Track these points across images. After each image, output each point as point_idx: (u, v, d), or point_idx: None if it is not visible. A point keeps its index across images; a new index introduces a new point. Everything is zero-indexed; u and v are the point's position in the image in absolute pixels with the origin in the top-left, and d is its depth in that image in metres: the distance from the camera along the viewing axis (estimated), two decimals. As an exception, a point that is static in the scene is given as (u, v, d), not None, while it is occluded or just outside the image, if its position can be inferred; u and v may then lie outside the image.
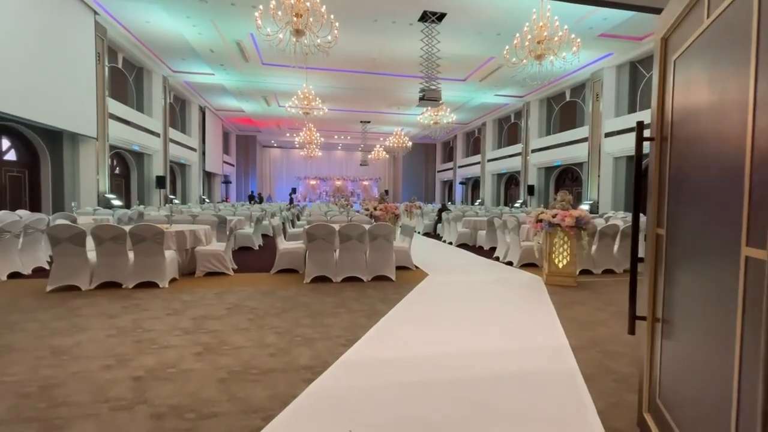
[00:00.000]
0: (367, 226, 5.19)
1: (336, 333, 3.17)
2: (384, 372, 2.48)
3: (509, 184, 25.23)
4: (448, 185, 34.35)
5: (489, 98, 20.67)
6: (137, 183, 16.19)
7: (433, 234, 11.92)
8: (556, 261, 5.09)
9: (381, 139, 29.80)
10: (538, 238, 5.33)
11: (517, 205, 21.57)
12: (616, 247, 6.04)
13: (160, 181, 16.38)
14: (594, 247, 5.93)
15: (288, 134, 29.66)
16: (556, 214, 4.96)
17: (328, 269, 5.01)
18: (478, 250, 8.44)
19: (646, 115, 13.92)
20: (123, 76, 14.84)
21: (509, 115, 24.10)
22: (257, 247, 8.15)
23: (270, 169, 37.16)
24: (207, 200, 22.82)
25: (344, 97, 20.83)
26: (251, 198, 23.06)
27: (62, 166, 11.07)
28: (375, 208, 7.32)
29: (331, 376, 2.41)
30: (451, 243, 9.43)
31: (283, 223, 6.81)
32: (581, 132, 17.35)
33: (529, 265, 6.35)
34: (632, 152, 13.94)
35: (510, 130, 24.45)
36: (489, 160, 25.59)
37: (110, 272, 4.53)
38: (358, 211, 11.86)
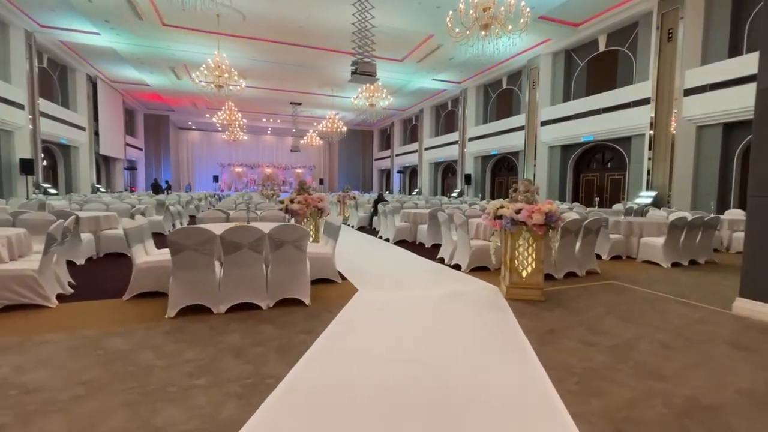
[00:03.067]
0: (269, 228, 3.60)
1: (162, 455, 1.62)
2: None
3: (446, 173, 24.80)
4: (386, 174, 33.34)
5: (427, 82, 19.72)
6: (-10, 168, 12.58)
7: (368, 228, 10.57)
8: (520, 269, 3.98)
9: (315, 123, 27.66)
10: (496, 239, 4.17)
11: (454, 194, 21.10)
12: (577, 246, 5.15)
13: (26, 166, 12.92)
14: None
15: (207, 115, 26.20)
16: (520, 209, 3.82)
17: (205, 295, 3.36)
18: (419, 248, 7.25)
19: (577, 105, 13.83)
20: (-43, 25, 11.18)
21: (446, 102, 23.50)
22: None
23: (188, 154, 33.06)
24: (102, 189, 19.13)
25: (269, 73, 18.48)
26: (155, 187, 19.81)
27: None
28: (292, 201, 5.72)
29: None
30: (388, 240, 8.14)
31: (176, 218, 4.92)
32: (518, 120, 17.12)
33: (480, 269, 5.25)
34: (567, 142, 13.74)
35: (447, 117, 23.90)
36: (426, 149, 24.90)
37: None
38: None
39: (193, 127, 32.26)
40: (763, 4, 3.71)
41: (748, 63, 9.32)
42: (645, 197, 11.24)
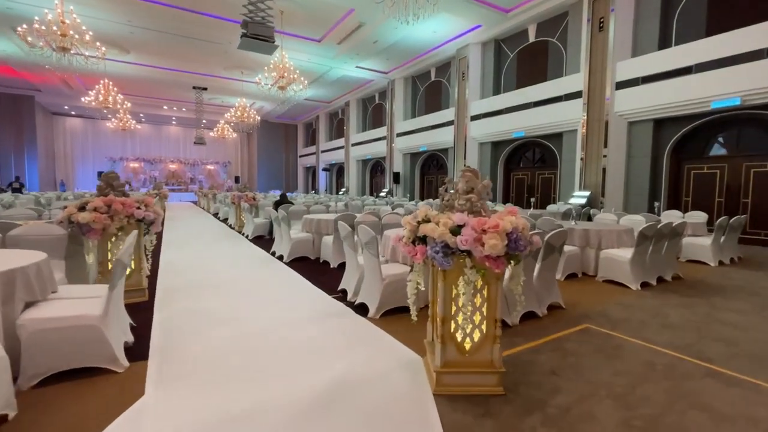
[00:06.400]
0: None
1: None
2: None
3: (375, 171, 23.11)
4: (312, 172, 30.76)
5: (351, 70, 17.73)
6: None
7: (268, 237, 8.28)
8: (459, 336, 2.14)
9: (227, 115, 24.17)
10: (417, 277, 2.28)
11: (382, 194, 19.46)
12: (536, 270, 3.51)
13: None
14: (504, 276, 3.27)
15: (86, 99, 21.16)
16: (461, 226, 1.96)
17: None
18: (321, 270, 5.23)
19: (507, 99, 12.89)
20: None
21: (374, 95, 21.79)
22: None
23: (67, 146, 27.25)
24: None
25: (158, 46, 15.03)
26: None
27: None
28: (83, 207, 3.34)
29: None
30: (282, 257, 5.97)
31: None
32: (447, 115, 15.93)
33: (398, 313, 3.38)
34: (498, 138, 12.55)
35: (375, 111, 22.19)
36: (353, 145, 22.96)
37: None
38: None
39: (73, 112, 26.62)
40: None
41: (677, 56, 8.82)
42: (579, 197, 10.47)
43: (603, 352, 2.72)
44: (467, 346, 2.15)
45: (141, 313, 3.37)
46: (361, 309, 3.53)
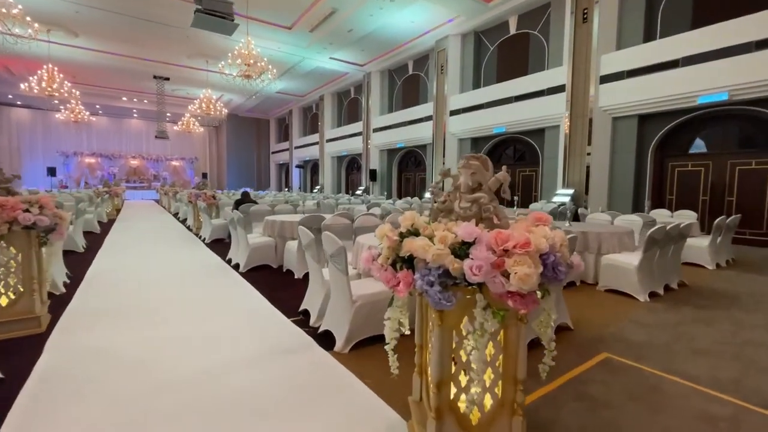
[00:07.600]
0: None
1: None
2: None
3: (351, 168, 22.28)
4: (285, 169, 29.53)
5: (324, 61, 16.80)
6: None
7: (228, 241, 7.36)
8: (462, 405, 1.43)
9: (191, 107, 22.64)
10: (399, 315, 1.55)
11: (358, 192, 18.69)
12: (542, 287, 2.87)
13: None
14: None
15: (33, 85, 18.88)
16: (468, 243, 1.25)
17: None
18: (283, 281, 4.43)
19: (487, 93, 12.40)
20: None
21: (349, 89, 20.93)
22: None
23: (13, 139, 24.88)
24: None
25: (112, 30, 13.60)
26: None
27: None
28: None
29: None
30: (238, 266, 5.12)
31: None
32: (425, 110, 15.31)
33: (372, 343, 2.66)
34: (478, 134, 11.59)
35: (350, 106, 21.34)
36: (328, 141, 22.03)
37: None
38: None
39: (18, 102, 24.30)
40: None
41: (663, 49, 8.49)
42: (562, 195, 10.07)
43: (640, 399, 2.09)
44: (474, 419, 1.44)
45: (26, 353, 2.49)
46: (327, 338, 2.79)
